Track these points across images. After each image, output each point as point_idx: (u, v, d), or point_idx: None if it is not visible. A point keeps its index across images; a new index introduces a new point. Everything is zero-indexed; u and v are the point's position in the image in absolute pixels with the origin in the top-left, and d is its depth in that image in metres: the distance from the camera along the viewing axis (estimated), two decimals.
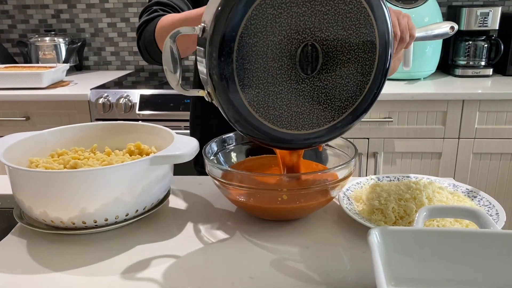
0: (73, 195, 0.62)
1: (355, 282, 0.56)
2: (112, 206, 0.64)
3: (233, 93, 0.56)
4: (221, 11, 0.53)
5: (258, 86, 0.57)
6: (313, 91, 0.59)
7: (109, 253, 0.63)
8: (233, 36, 0.54)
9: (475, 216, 0.57)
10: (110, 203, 0.63)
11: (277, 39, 0.56)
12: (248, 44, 0.55)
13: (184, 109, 1.80)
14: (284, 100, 0.59)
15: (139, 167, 0.64)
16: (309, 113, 0.61)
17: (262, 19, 0.54)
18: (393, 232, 0.52)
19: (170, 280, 0.57)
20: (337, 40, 0.58)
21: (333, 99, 0.61)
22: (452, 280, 0.52)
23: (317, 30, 0.56)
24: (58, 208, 0.63)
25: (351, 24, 0.57)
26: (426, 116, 1.76)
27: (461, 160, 1.79)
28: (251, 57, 0.55)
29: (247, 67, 0.56)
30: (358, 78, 0.60)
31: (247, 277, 0.57)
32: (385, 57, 0.60)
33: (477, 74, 1.99)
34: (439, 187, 0.73)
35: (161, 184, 0.69)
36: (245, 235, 0.67)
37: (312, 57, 0.58)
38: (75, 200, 0.62)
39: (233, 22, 0.53)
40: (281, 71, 0.57)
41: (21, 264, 0.60)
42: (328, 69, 0.59)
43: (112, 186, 0.63)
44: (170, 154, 0.66)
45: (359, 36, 0.58)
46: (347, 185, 0.77)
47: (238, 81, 0.56)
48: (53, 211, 0.63)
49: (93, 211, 0.63)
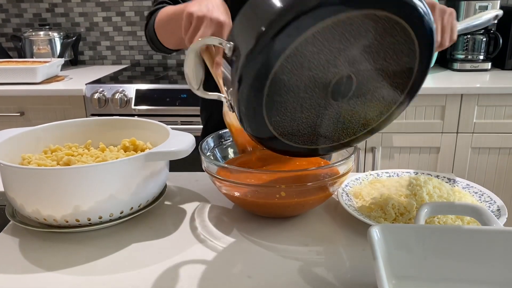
0: (66, 192, 0.60)
1: (355, 280, 0.55)
2: (106, 204, 0.62)
3: (258, 119, 0.55)
4: (255, 48, 0.48)
5: (285, 114, 0.55)
6: (339, 113, 0.58)
7: (104, 252, 0.61)
8: (267, 75, 0.51)
9: (477, 213, 0.56)
10: (104, 200, 0.62)
11: (313, 74, 0.53)
12: (281, 80, 0.52)
13: (180, 104, 1.79)
14: (309, 123, 0.58)
15: (134, 164, 0.63)
16: (331, 132, 0.60)
17: (300, 56, 0.50)
18: (394, 229, 0.51)
19: (166, 279, 0.55)
20: (375, 69, 0.55)
21: (357, 119, 0.60)
22: (454, 278, 0.51)
23: (356, 63, 0.54)
24: (51, 206, 0.61)
25: (394, 54, 0.54)
26: (424, 110, 1.75)
27: (460, 154, 1.79)
28: (282, 90, 0.53)
29: (277, 99, 0.54)
30: (387, 100, 0.59)
31: (245, 275, 0.56)
32: (420, 81, 0.58)
33: (475, 68, 1.98)
34: (440, 182, 0.72)
35: (156, 181, 0.68)
36: (242, 233, 0.66)
37: (345, 87, 0.56)
38: (68, 197, 0.60)
39: (269, 62, 0.49)
40: (311, 100, 0.55)
41: (13, 263, 0.59)
42: (359, 94, 0.57)
43: (106, 183, 0.61)
44: (165, 150, 0.64)
45: (399, 64, 0.55)
46: (346, 181, 0.76)
47: (266, 111, 0.54)
48: (46, 209, 0.62)
49: (86, 208, 0.61)
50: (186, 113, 1.79)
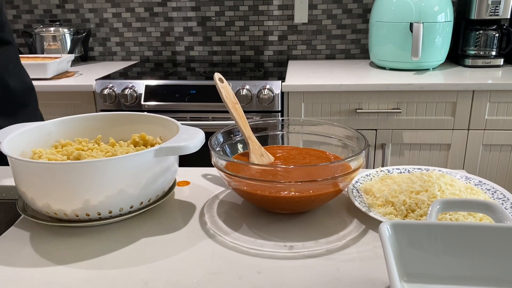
0: (77, 187, 0.60)
1: (366, 277, 0.54)
2: (116, 198, 0.62)
3: None
4: None
5: None
6: None
7: (114, 246, 0.61)
8: None
9: (490, 209, 0.55)
10: (114, 195, 0.62)
11: None
12: None
13: (189, 100, 1.79)
14: None
15: (144, 159, 0.63)
16: None
17: None
18: (406, 226, 0.51)
19: (175, 274, 0.55)
20: None
21: None
22: (466, 276, 0.50)
23: None
24: (61, 200, 0.61)
25: None
26: (435, 107, 1.73)
27: (471, 151, 1.77)
28: None
29: None
30: None
31: (254, 271, 0.56)
32: None
33: (487, 64, 1.96)
34: (452, 179, 0.71)
35: (166, 176, 0.68)
36: (251, 228, 0.65)
37: None
38: (79, 192, 0.61)
39: None
40: None
41: (24, 257, 0.59)
42: None
43: (116, 178, 0.61)
44: (175, 145, 0.64)
45: None
46: (356, 177, 0.75)
47: None
48: (56, 203, 0.62)
49: (96, 203, 0.62)
50: (195, 109, 1.79)
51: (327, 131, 0.80)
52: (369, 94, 1.74)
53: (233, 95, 0.77)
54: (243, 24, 2.33)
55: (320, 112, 1.78)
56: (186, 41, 2.38)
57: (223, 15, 2.32)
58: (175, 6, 2.33)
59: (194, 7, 2.32)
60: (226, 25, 2.34)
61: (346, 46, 2.31)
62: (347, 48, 2.31)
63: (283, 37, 2.32)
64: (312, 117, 1.78)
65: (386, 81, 1.75)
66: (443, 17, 1.85)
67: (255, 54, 2.36)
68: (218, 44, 2.37)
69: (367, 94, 1.74)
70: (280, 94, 1.76)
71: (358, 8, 2.25)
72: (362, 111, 1.75)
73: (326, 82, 1.76)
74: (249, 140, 0.76)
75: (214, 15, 2.32)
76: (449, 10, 1.87)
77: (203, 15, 2.33)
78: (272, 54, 2.36)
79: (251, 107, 1.77)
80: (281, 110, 1.79)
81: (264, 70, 2.09)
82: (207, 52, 2.39)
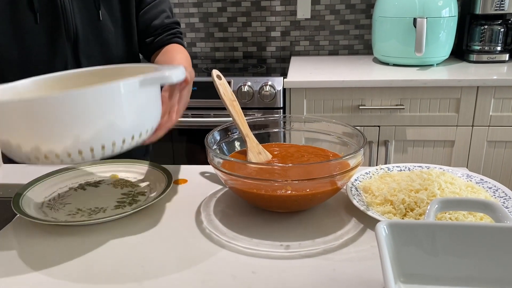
0: (64, 120, 0.57)
1: (362, 277, 0.53)
2: (106, 131, 0.60)
3: None
4: None
5: None
6: None
7: (108, 245, 0.61)
8: None
9: (491, 209, 0.54)
10: (104, 128, 0.59)
11: None
12: None
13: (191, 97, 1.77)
14: None
15: (130, 87, 0.60)
16: None
17: None
18: (403, 226, 0.49)
19: (169, 273, 0.55)
20: None
21: None
22: (464, 277, 0.49)
23: None
24: (50, 139, 0.58)
25: None
26: (439, 103, 1.71)
27: (475, 148, 1.75)
28: None
29: None
30: None
31: (249, 271, 0.55)
32: None
33: (492, 59, 1.93)
34: (452, 177, 0.69)
35: (152, 110, 0.66)
36: (248, 227, 0.65)
37: None
38: (67, 126, 0.57)
39: None
40: None
41: (18, 256, 0.59)
42: None
43: (103, 108, 0.59)
44: (159, 75, 0.63)
45: None
46: (355, 175, 0.74)
47: None
48: (45, 144, 0.58)
49: (87, 137, 0.58)
50: (196, 105, 1.79)
51: (327, 128, 0.79)
52: (372, 90, 1.72)
53: (231, 92, 0.76)
54: (245, 20, 2.31)
55: (322, 109, 1.77)
56: (188, 37, 2.37)
57: (225, 11, 2.31)
58: (177, 2, 2.32)
59: (196, 3, 2.31)
60: (228, 21, 2.32)
61: (349, 41, 2.29)
62: (350, 44, 2.29)
63: (286, 33, 2.30)
64: (314, 114, 1.77)
65: (390, 77, 1.73)
66: (447, 12, 1.83)
67: (257, 50, 2.35)
68: (221, 40, 2.35)
69: (370, 90, 1.72)
70: (282, 90, 1.75)
71: (362, 3, 2.22)
72: (365, 107, 1.73)
73: (329, 78, 1.74)
74: (246, 138, 0.75)
75: (217, 11, 2.31)
76: (454, 5, 1.85)
77: (205, 11, 2.32)
78: (275, 50, 2.34)
79: (253, 103, 1.75)
80: (283, 106, 1.78)
81: (266, 66, 2.08)
82: (209, 49, 2.37)
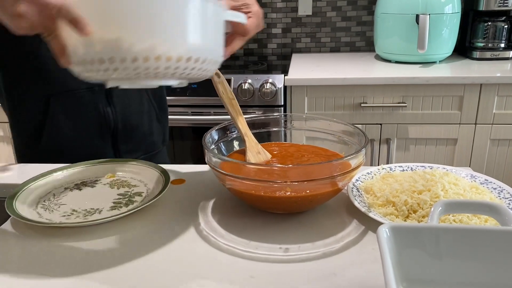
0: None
1: (364, 282, 0.52)
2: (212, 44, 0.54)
3: None
4: None
5: None
6: None
7: (104, 246, 0.60)
8: None
9: (495, 211, 0.52)
10: (212, 40, 0.54)
11: None
12: None
13: (191, 95, 1.76)
14: None
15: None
16: None
17: None
18: (405, 229, 0.48)
19: (165, 276, 0.53)
20: None
21: None
22: (469, 282, 0.47)
23: None
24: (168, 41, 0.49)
25: None
26: (442, 100, 1.69)
27: (478, 146, 1.73)
28: None
29: None
30: None
31: (247, 275, 0.53)
32: None
33: (496, 56, 1.91)
34: (456, 178, 0.68)
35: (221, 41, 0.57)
36: (246, 229, 0.63)
37: None
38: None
39: None
40: None
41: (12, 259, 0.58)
42: None
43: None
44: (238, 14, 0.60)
45: None
46: (356, 175, 0.73)
47: None
48: (161, 44, 0.48)
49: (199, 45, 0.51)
50: (196, 103, 1.77)
51: (328, 127, 0.78)
52: (374, 88, 1.70)
53: (230, 90, 0.75)
54: None
55: (323, 107, 1.75)
56: None
57: None
58: None
59: None
60: None
61: (351, 38, 2.26)
62: (352, 41, 2.27)
63: (287, 30, 2.28)
64: (315, 112, 1.75)
65: (392, 74, 1.72)
66: (450, 9, 1.81)
67: (258, 47, 2.33)
68: None
69: (372, 87, 1.70)
70: (282, 88, 1.73)
71: (363, 0, 2.20)
72: (367, 105, 1.71)
73: (330, 75, 1.72)
74: (245, 137, 0.73)
75: None
76: (457, 1, 1.83)
77: None
78: (276, 47, 2.32)
79: (253, 101, 1.74)
80: (284, 104, 1.76)
81: (267, 64, 2.06)
82: None
